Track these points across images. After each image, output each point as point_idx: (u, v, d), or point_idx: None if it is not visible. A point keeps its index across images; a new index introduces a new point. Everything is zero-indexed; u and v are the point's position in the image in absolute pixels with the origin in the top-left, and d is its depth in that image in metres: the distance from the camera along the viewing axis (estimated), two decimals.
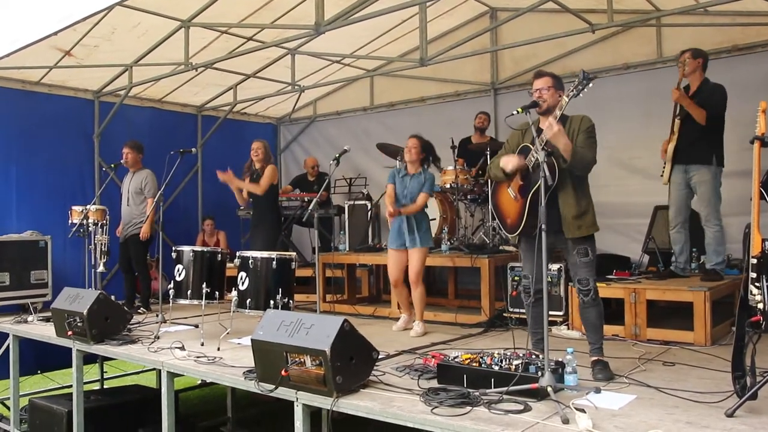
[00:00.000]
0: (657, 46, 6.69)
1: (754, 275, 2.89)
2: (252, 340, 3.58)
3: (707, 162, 5.18)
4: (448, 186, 6.80)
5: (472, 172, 6.98)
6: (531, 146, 3.68)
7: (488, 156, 6.76)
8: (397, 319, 5.71)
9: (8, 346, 5.96)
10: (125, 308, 6.61)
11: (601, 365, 3.69)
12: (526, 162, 3.73)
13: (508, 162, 3.77)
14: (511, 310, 5.53)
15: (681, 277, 5.40)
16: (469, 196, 7.04)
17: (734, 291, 5.29)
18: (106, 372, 7.37)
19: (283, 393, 3.46)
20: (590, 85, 3.43)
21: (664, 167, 5.44)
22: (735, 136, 5.84)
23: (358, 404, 3.21)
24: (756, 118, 3.02)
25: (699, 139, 5.16)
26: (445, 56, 6.66)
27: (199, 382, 7.89)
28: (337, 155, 4.81)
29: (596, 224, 3.80)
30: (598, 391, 3.22)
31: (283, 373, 3.37)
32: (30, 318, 6.16)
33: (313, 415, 3.56)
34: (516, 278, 5.49)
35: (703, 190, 5.24)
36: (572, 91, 3.48)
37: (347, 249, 7.28)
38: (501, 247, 6.34)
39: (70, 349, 5.17)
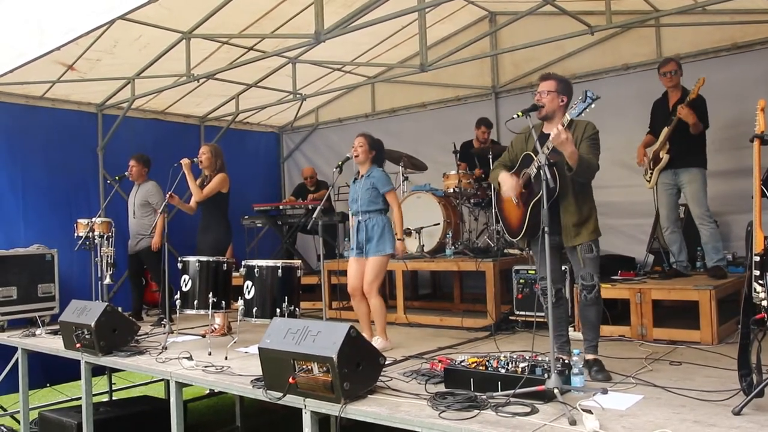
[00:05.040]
0: (656, 46, 6.71)
1: (757, 273, 2.89)
2: (259, 348, 3.59)
3: (697, 164, 5.39)
4: (451, 190, 6.81)
5: (477, 173, 6.98)
6: (533, 154, 3.67)
7: (491, 160, 6.78)
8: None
9: (17, 359, 5.99)
10: (133, 319, 6.64)
11: (598, 366, 3.71)
12: (526, 176, 3.74)
13: (509, 190, 3.79)
14: (517, 313, 5.54)
15: (686, 276, 5.43)
16: (472, 200, 7.05)
17: (739, 289, 5.27)
18: (114, 384, 7.39)
19: (291, 401, 3.48)
20: (593, 105, 3.35)
21: (647, 172, 5.64)
22: (735, 134, 5.89)
23: (365, 410, 3.22)
24: (755, 116, 3.03)
25: (691, 145, 5.36)
26: (445, 61, 6.70)
27: (207, 391, 7.93)
28: (340, 163, 4.83)
29: (598, 230, 3.79)
30: (605, 392, 3.22)
31: (290, 380, 3.39)
32: (38, 331, 6.18)
33: (322, 421, 3.57)
34: (522, 281, 5.50)
35: (694, 189, 5.38)
36: (573, 109, 3.41)
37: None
38: (506, 251, 6.35)
39: (79, 361, 5.20)
